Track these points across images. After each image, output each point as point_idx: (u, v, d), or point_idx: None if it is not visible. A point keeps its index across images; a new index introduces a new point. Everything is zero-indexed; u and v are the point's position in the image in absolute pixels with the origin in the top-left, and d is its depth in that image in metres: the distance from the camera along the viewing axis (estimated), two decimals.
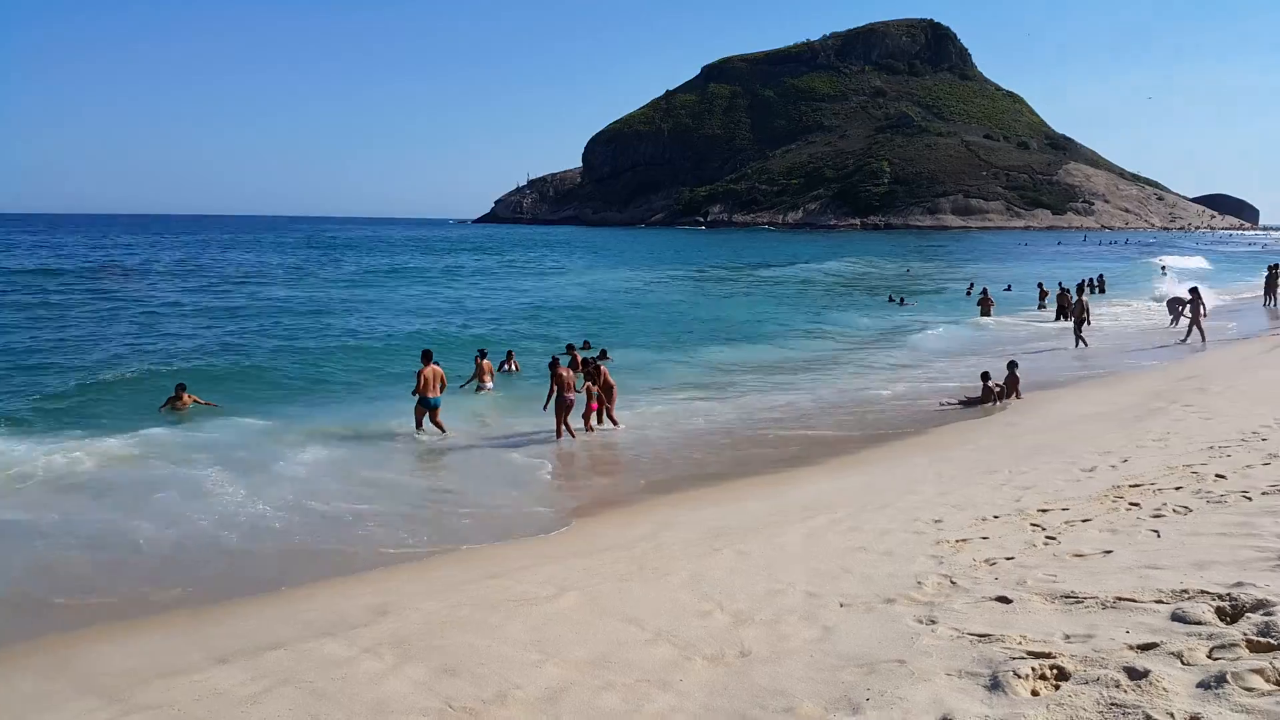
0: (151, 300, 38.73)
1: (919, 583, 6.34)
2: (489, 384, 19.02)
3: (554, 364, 15.36)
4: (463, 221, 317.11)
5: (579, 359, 17.10)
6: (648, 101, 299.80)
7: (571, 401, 15.00)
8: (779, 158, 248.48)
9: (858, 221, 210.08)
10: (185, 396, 17.08)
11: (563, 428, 14.95)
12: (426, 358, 15.73)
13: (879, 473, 11.76)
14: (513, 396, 18.53)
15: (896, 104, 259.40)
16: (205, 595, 8.34)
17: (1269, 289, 33.72)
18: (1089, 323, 25.35)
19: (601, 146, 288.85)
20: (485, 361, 19.17)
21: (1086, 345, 24.58)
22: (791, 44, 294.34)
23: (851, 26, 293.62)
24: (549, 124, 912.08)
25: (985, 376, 17.08)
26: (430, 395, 15.32)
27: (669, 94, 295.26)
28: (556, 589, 7.22)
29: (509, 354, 21.94)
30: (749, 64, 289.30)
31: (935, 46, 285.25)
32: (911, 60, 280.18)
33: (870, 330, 31.33)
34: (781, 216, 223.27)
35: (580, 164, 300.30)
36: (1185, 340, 24.32)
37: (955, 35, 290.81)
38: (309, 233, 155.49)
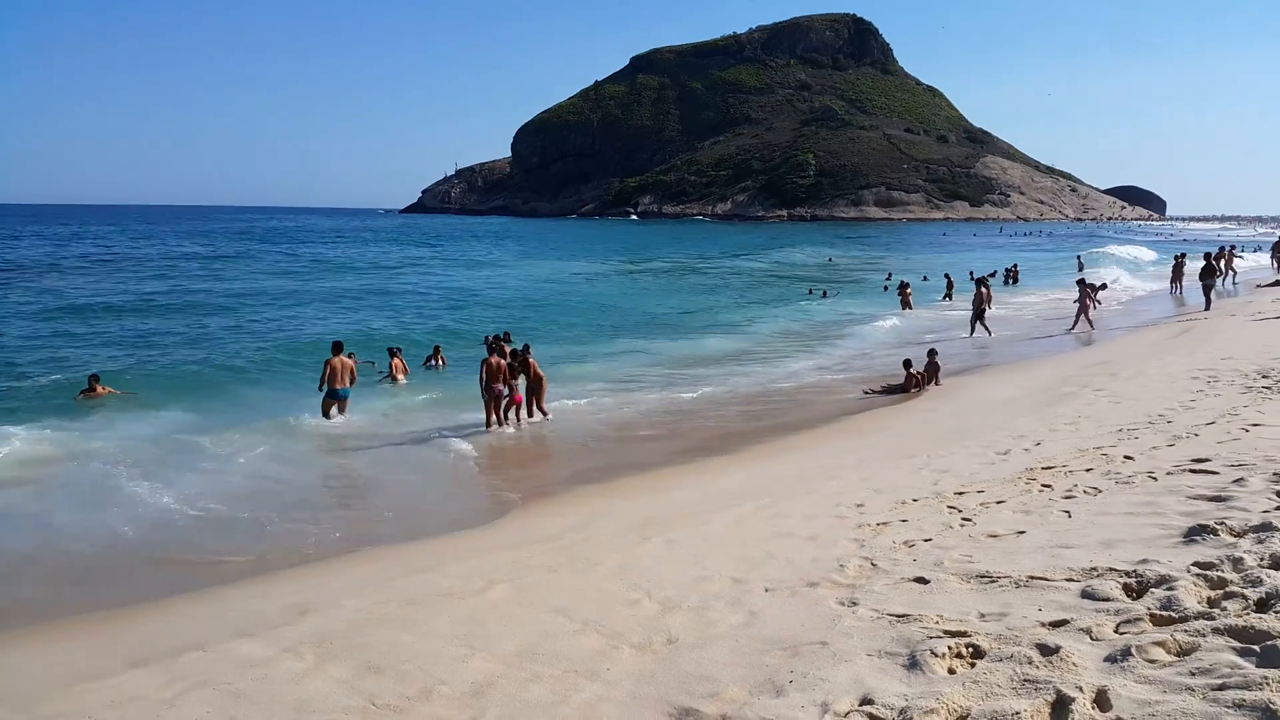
0: (67, 294, 37.32)
1: (841, 566, 6.47)
2: (401, 380, 19.14)
3: (490, 349, 15.36)
4: (390, 211, 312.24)
5: (507, 350, 17.00)
6: (577, 92, 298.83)
7: (501, 392, 14.91)
8: (707, 149, 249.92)
9: (785, 213, 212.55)
10: (99, 387, 16.77)
11: (493, 419, 14.86)
12: (336, 349, 15.73)
13: (804, 459, 11.93)
14: (439, 390, 18.34)
15: (821, 97, 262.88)
16: (120, 598, 8.08)
17: (1175, 277, 35.17)
18: (990, 308, 26.23)
19: (531, 136, 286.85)
20: (397, 360, 19.38)
21: (990, 334, 25.21)
22: (719, 36, 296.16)
23: (777, 20, 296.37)
24: (478, 113, 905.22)
25: (908, 364, 17.47)
26: (339, 386, 15.32)
27: (598, 85, 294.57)
28: (484, 582, 7.19)
29: (436, 349, 21.91)
30: (677, 56, 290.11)
31: (858, 41, 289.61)
32: (835, 54, 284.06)
33: (794, 321, 31.69)
34: (711, 208, 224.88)
35: (509, 154, 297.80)
36: (1072, 330, 25.15)
37: (877, 30, 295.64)
38: (228, 222, 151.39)
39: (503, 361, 15.24)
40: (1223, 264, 36.11)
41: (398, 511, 10.84)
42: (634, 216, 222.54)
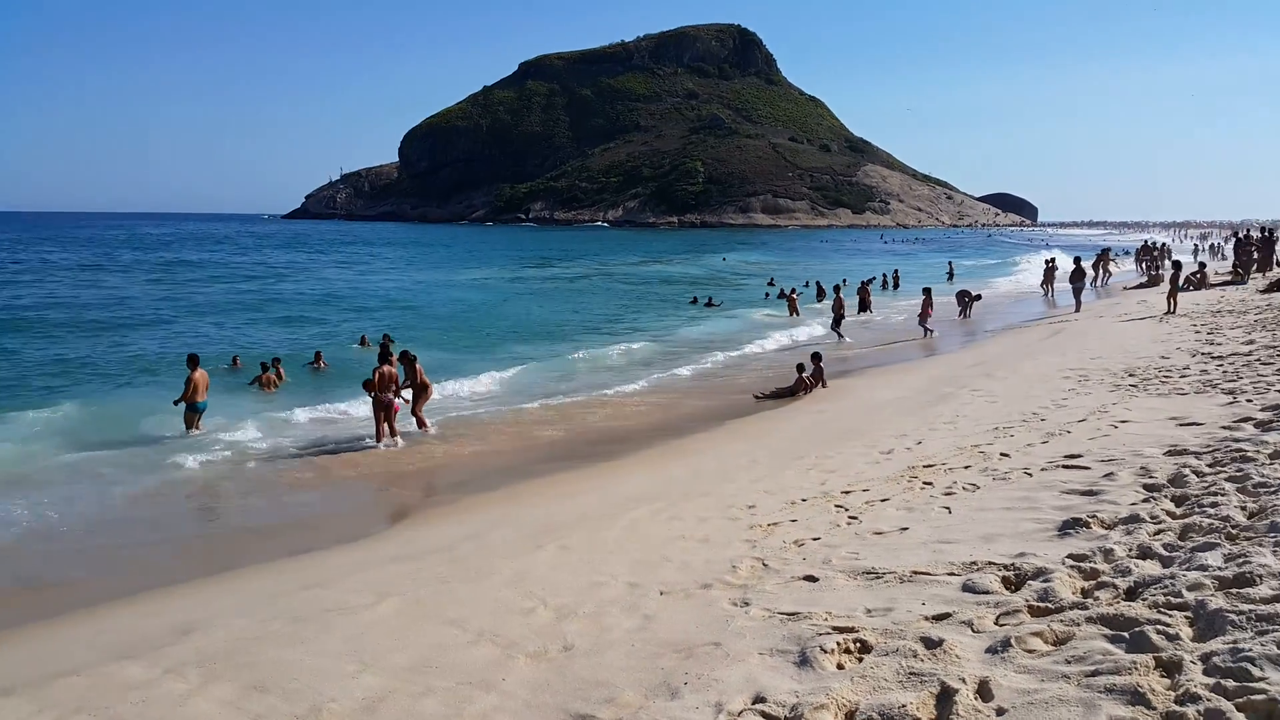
0: None
1: (734, 567, 6.54)
2: (273, 390, 18.96)
3: (382, 356, 15.01)
4: (272, 217, 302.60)
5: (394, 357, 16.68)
6: (465, 97, 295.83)
7: (390, 400, 14.57)
8: (598, 156, 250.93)
9: (675, 219, 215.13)
10: None
11: (383, 429, 14.51)
12: (194, 362, 15.33)
13: (699, 463, 12.03)
14: (323, 398, 17.81)
15: (708, 106, 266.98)
16: None
17: (1047, 279, 37.05)
18: (871, 310, 27.12)
19: (419, 141, 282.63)
20: (269, 374, 19.21)
21: (843, 339, 25.85)
22: (607, 44, 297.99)
23: (664, 29, 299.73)
24: (363, 117, 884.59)
25: (800, 368, 17.87)
26: (199, 400, 15.03)
27: (487, 90, 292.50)
28: (375, 596, 7.00)
29: (317, 354, 21.82)
30: (566, 62, 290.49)
31: (743, 51, 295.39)
32: (721, 64, 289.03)
33: (682, 328, 31.91)
34: (602, 214, 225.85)
35: (397, 159, 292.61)
36: (925, 336, 26.00)
37: (761, 41, 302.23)
38: (99, 230, 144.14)
39: (394, 370, 14.92)
40: (1099, 269, 38.59)
41: (284, 526, 10.49)
42: (528, 222, 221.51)
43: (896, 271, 48.20)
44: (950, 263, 54.66)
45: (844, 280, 39.97)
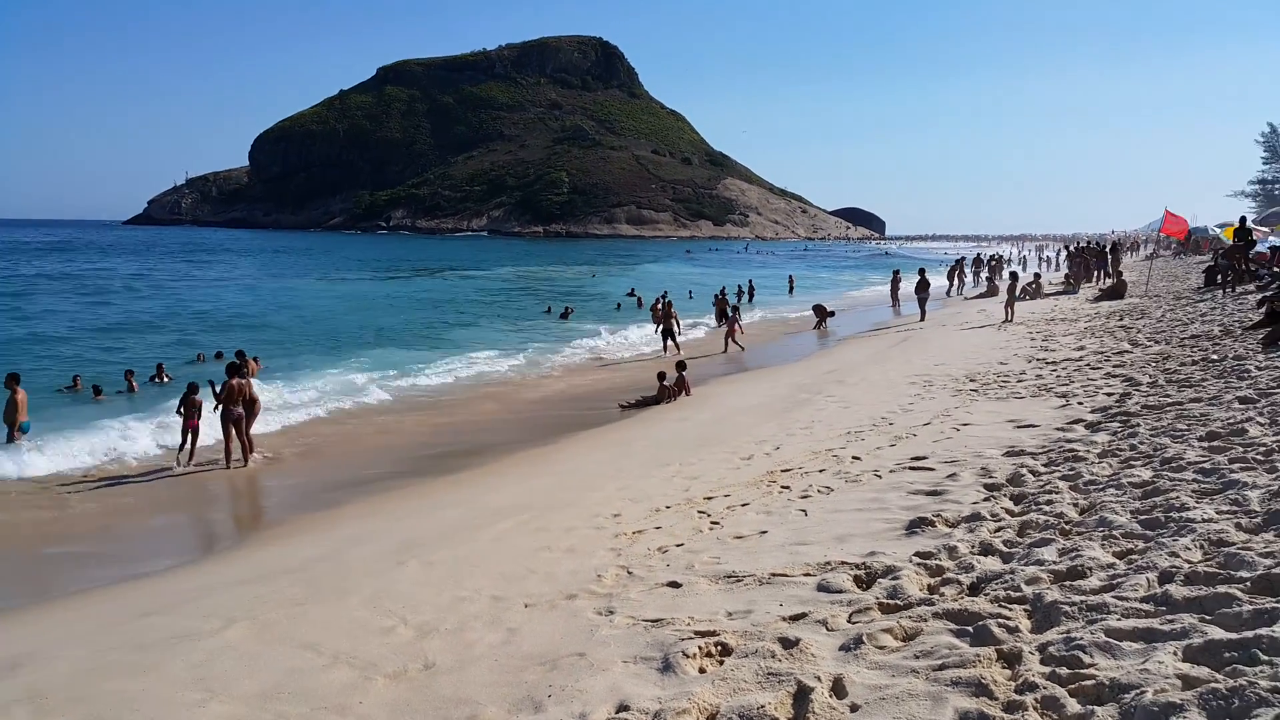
0: None
1: (599, 576, 6.54)
2: (103, 397, 18.53)
3: (230, 370, 14.33)
4: (112, 223, 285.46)
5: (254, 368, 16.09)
6: (321, 100, 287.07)
7: (240, 415, 13.96)
8: (461, 164, 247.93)
9: (541, 229, 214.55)
10: None
11: (232, 445, 13.88)
12: (13, 381, 14.41)
13: (565, 473, 11.99)
14: (165, 414, 16.90)
15: (572, 117, 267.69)
16: None
17: (894, 290, 38.72)
18: (724, 324, 27.58)
19: (271, 145, 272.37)
20: (102, 396, 18.68)
21: (670, 351, 25.81)
22: (468, 52, 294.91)
23: (526, 39, 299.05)
24: (211, 118, 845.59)
25: (661, 376, 18.08)
26: (24, 420, 14.14)
27: (343, 94, 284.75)
28: (223, 621, 6.67)
29: (159, 366, 21.06)
30: (426, 69, 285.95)
31: (605, 64, 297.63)
32: (584, 76, 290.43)
33: (542, 338, 31.77)
34: (466, 223, 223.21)
35: (248, 163, 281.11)
36: (726, 351, 25.96)
37: (623, 55, 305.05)
38: None
39: (244, 383, 14.30)
40: (953, 279, 40.95)
41: (126, 550, 9.90)
42: (388, 230, 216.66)
43: (751, 282, 49.41)
44: (790, 276, 56.25)
45: (720, 290, 40.54)
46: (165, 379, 20.62)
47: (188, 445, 13.99)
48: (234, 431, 13.85)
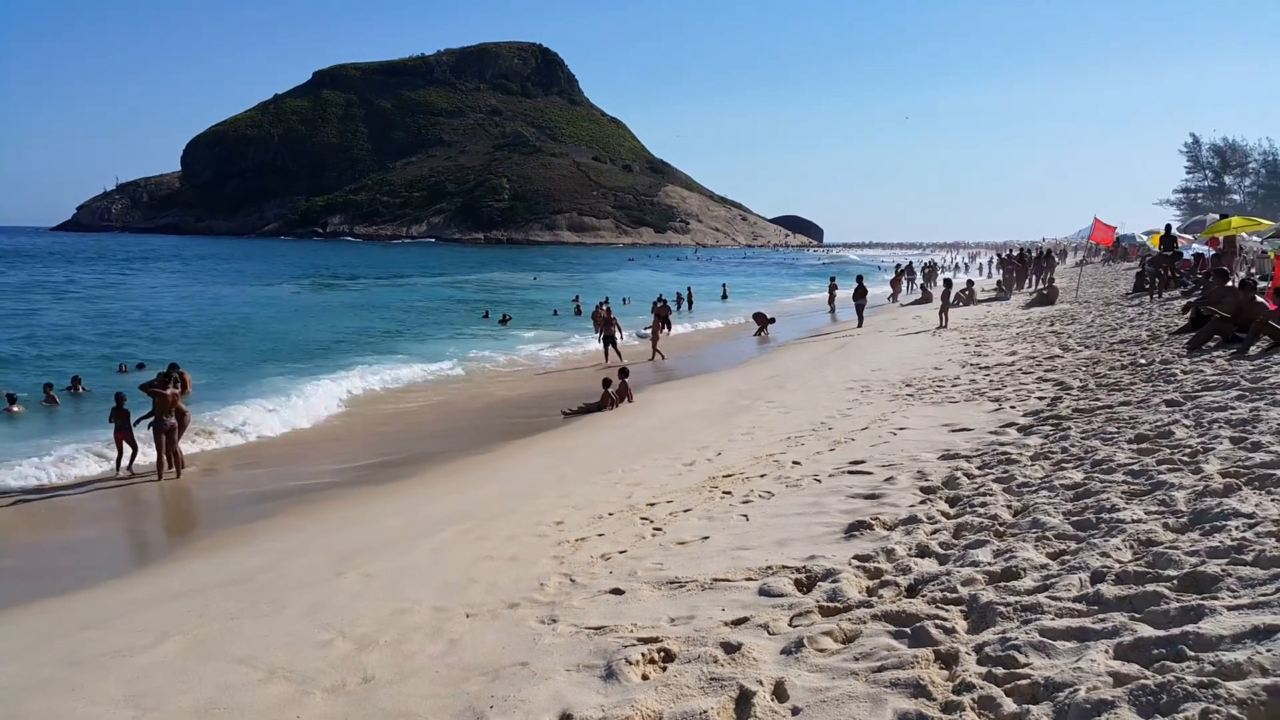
0: None
1: (541, 584, 6.50)
2: (18, 410, 17.91)
3: (164, 379, 13.98)
4: (39, 229, 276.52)
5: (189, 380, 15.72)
6: (256, 104, 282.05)
7: (172, 425, 13.62)
8: (400, 170, 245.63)
9: (482, 236, 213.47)
10: None
11: (164, 457, 13.54)
12: None
13: (507, 481, 11.91)
14: (87, 425, 16.40)
15: (512, 123, 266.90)
16: None
17: (831, 298, 39.31)
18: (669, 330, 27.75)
19: (204, 150, 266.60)
20: (16, 407, 17.96)
21: (612, 358, 25.83)
22: (406, 57, 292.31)
23: (465, 45, 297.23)
24: (142, 123, 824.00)
25: (605, 383, 18.09)
26: None
27: (278, 98, 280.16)
28: (156, 636, 6.50)
29: (75, 379, 20.44)
30: (364, 74, 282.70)
31: (545, 70, 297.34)
32: (524, 82, 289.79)
33: (483, 346, 31.53)
34: (405, 229, 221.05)
35: (180, 168, 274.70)
36: (653, 359, 26.16)
37: (563, 61, 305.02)
38: None
39: (176, 393, 13.97)
40: (897, 285, 41.90)
41: (58, 564, 9.57)
42: (325, 236, 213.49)
43: (690, 289, 49.76)
44: (724, 284, 56.70)
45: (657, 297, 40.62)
46: (81, 390, 20.11)
47: (125, 457, 13.63)
48: (166, 442, 13.52)
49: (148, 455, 13.81)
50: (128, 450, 13.88)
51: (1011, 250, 51.80)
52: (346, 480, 12.84)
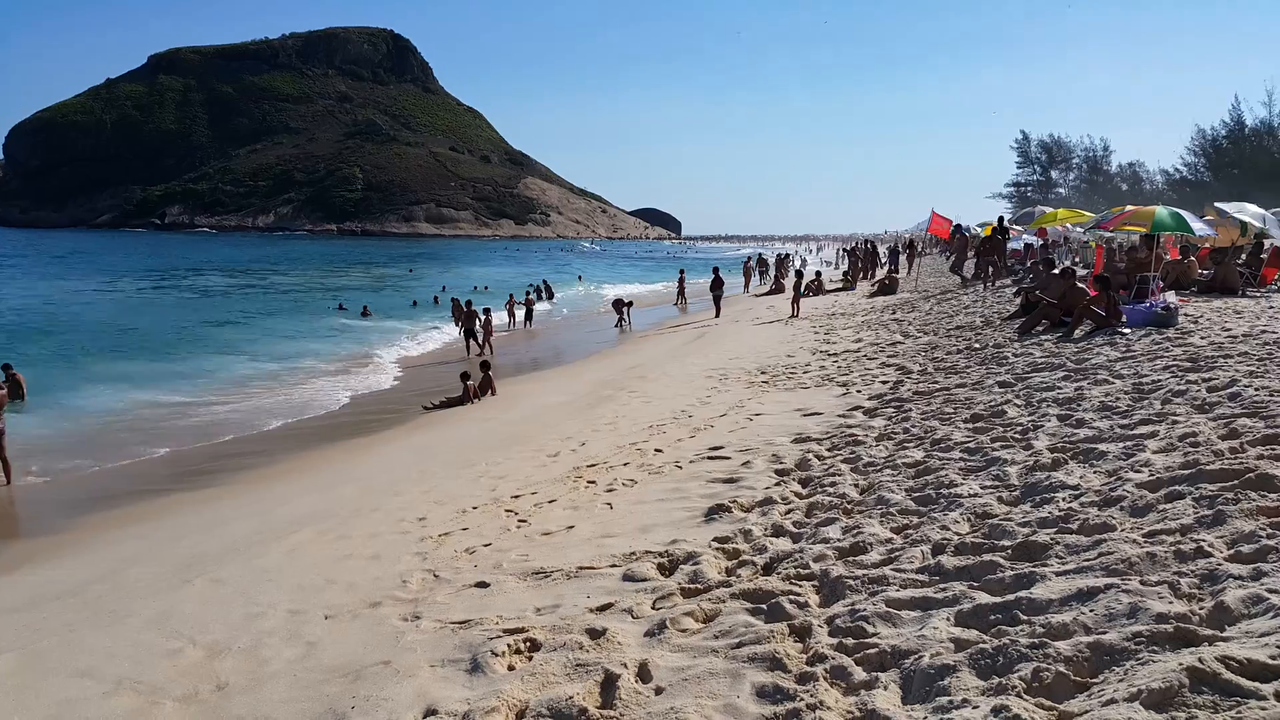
0: None
1: (404, 581, 6.41)
2: None
3: None
4: None
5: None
6: (86, 89, 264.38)
7: (2, 430, 12.71)
8: (244, 158, 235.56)
9: (334, 227, 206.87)
10: None
11: None
12: None
13: (366, 478, 11.65)
14: None
15: (363, 111, 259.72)
16: None
17: (680, 290, 39.95)
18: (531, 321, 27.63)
19: (28, 137, 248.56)
20: None
21: (473, 350, 25.89)
22: (249, 40, 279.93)
23: (312, 29, 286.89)
24: None
25: (465, 377, 17.88)
26: None
27: (111, 83, 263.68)
28: None
29: None
30: (204, 58, 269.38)
31: (398, 57, 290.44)
32: (375, 69, 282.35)
33: (337, 341, 30.73)
34: (251, 220, 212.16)
35: (1, 156, 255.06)
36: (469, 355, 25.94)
37: (416, 48, 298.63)
38: None
39: (3, 394, 13.05)
40: (750, 275, 43.04)
41: None
42: (160, 228, 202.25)
43: (545, 281, 49.95)
44: (580, 275, 57.14)
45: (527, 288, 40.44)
46: None
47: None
48: None
49: None
50: None
51: (857, 243, 53.79)
52: (189, 485, 12.29)
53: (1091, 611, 3.86)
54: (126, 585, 7.69)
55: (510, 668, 4.56)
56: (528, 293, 37.64)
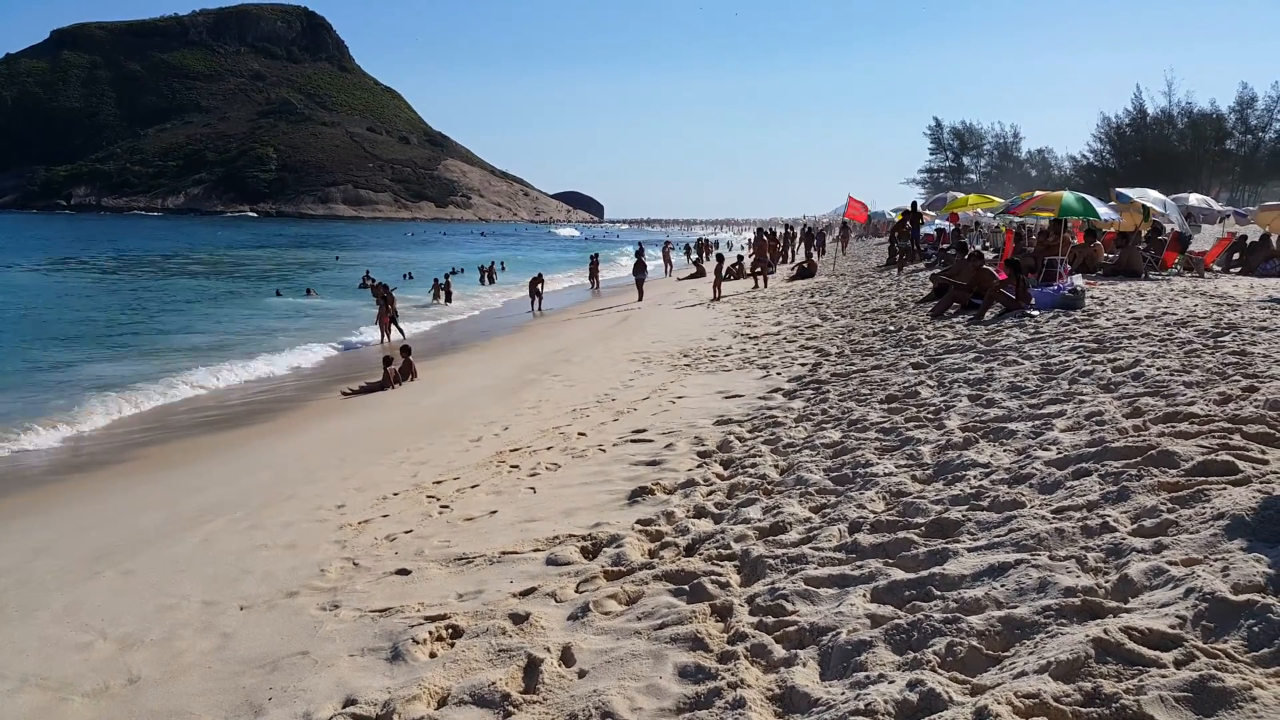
0: None
1: (322, 571, 6.30)
2: None
3: None
4: None
5: None
6: None
7: None
8: (153, 137, 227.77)
9: (248, 208, 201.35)
10: None
11: None
12: None
13: (281, 465, 11.40)
14: None
15: (278, 89, 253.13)
16: None
17: (593, 273, 39.90)
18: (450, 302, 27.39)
19: None
20: None
21: (388, 341, 25.30)
22: (158, 16, 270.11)
23: (223, 5, 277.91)
24: None
25: (387, 361, 17.62)
26: None
27: (10, 58, 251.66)
28: None
29: None
30: (110, 33, 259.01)
31: (312, 35, 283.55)
32: (290, 47, 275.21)
33: (261, 322, 30.07)
34: (161, 200, 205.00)
35: None
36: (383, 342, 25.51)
37: (331, 26, 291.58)
38: None
39: None
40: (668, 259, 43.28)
41: None
42: (65, 210, 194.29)
43: (493, 264, 49.75)
44: (495, 260, 56.80)
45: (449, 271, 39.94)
46: None
47: None
48: None
49: None
50: None
51: (770, 228, 54.29)
52: (95, 474, 11.89)
53: (1003, 586, 3.99)
54: (33, 578, 7.41)
55: (432, 655, 4.53)
56: (447, 276, 37.31)
